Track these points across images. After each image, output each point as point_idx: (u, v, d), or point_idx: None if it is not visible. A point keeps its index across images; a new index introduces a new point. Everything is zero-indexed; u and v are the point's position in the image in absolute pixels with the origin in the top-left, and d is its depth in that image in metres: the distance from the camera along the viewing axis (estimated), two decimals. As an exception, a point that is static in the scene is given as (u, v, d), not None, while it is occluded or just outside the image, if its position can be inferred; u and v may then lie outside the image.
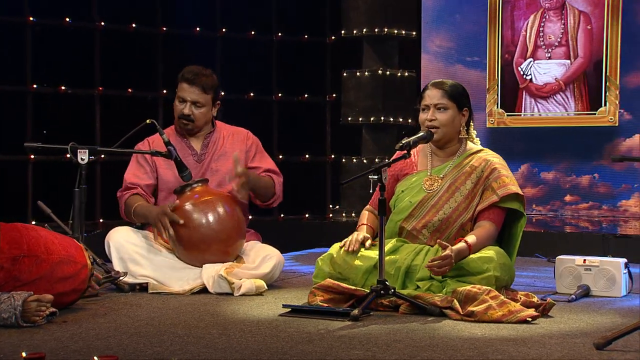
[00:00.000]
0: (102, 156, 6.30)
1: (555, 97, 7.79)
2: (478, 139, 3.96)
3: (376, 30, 7.07)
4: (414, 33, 7.31)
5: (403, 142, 3.68)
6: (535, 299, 3.57)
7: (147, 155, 4.38)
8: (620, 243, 5.70)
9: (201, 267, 4.13)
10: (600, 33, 7.56)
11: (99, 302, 3.81)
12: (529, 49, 7.91)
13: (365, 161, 7.00)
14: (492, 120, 8.11)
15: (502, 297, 3.45)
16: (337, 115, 7.21)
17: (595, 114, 7.61)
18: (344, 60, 7.29)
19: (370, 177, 3.56)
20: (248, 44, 7.16)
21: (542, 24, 7.84)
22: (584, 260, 4.02)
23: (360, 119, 7.04)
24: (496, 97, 8.06)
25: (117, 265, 4.10)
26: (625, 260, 3.99)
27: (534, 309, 3.45)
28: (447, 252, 3.51)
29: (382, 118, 6.99)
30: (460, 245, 3.60)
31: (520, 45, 7.93)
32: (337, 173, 7.19)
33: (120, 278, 4.03)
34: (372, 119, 7.00)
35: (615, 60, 7.53)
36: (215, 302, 3.85)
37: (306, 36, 7.32)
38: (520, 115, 8.05)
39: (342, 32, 7.17)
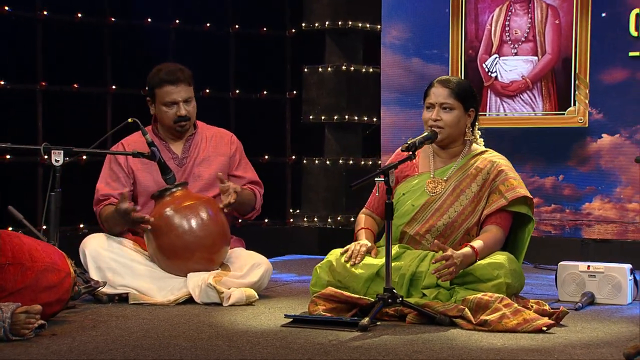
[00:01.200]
0: (84, 157, 6.21)
1: (522, 96, 7.99)
2: (482, 139, 4.07)
3: (339, 23, 7.15)
4: (379, 26, 7.41)
5: (409, 142, 3.76)
6: (547, 307, 3.69)
7: (122, 159, 4.37)
8: (600, 248, 5.89)
9: (184, 276, 4.13)
10: (569, 28, 7.78)
11: (80, 314, 3.79)
12: (494, 45, 8.10)
13: (328, 162, 7.07)
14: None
15: (516, 305, 3.55)
16: (297, 113, 7.26)
17: (564, 114, 7.83)
18: (305, 55, 7.34)
19: (376, 179, 3.63)
20: (203, 37, 7.15)
21: (508, 18, 8.04)
22: (588, 266, 4.16)
23: (322, 117, 7.11)
24: (459, 95, 8.25)
25: (94, 275, 4.08)
26: (630, 266, 4.15)
27: (547, 318, 3.56)
28: (448, 252, 3.59)
29: (346, 117, 7.07)
30: (466, 250, 3.70)
31: (484, 40, 8.11)
32: (297, 175, 7.24)
33: (99, 288, 4.01)
34: (335, 117, 7.07)
35: (584, 57, 7.76)
36: (206, 312, 3.86)
37: (265, 29, 7.35)
38: (485, 115, 8.24)
39: (303, 24, 7.23)
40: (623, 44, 7.53)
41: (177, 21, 7.04)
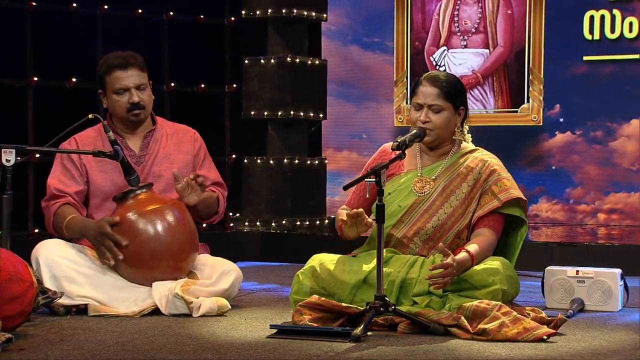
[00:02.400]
0: (37, 155, 6.08)
1: (472, 92, 8.17)
2: (469, 135, 4.17)
3: (283, 11, 7.20)
4: (325, 15, 7.48)
5: (398, 140, 3.83)
6: (543, 314, 3.81)
7: (75, 156, 4.34)
8: (566, 252, 6.08)
9: (150, 285, 4.12)
10: (522, 19, 8.00)
11: (40, 327, 3.76)
12: (442, 36, 8.26)
13: (271, 162, 7.11)
14: (400, 118, 8.43)
15: (515, 313, 3.66)
16: (238, 108, 7.29)
17: (517, 111, 8.05)
18: (245, 46, 7.37)
19: (367, 180, 3.69)
20: (134, 24, 7.11)
21: (457, 8, 8.21)
22: (577, 271, 4.31)
23: (265, 113, 7.15)
24: (405, 91, 8.38)
25: (48, 285, 4.03)
26: (620, 270, 4.31)
27: (546, 326, 3.68)
28: (449, 260, 3.68)
29: (291, 112, 7.13)
30: (463, 255, 3.79)
31: (432, 31, 8.28)
32: (238, 175, 7.26)
33: (57, 299, 3.97)
34: (279, 113, 7.12)
35: (539, 49, 7.99)
36: (178, 324, 3.86)
37: (202, 16, 7.34)
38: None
39: (244, 12, 7.26)
40: (579, 35, 7.80)
41: (106, 6, 6.97)
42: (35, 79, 6.66)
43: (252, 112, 7.17)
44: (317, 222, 7.16)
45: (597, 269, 4.33)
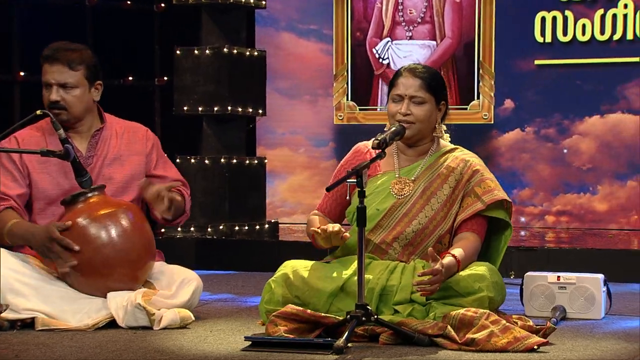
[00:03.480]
0: None
1: (418, 87, 8.31)
2: (447, 134, 4.26)
3: (219, -3, 7.24)
4: (264, 2, 7.52)
5: (379, 138, 3.90)
6: (531, 323, 3.92)
7: (16, 157, 4.30)
8: (526, 256, 6.23)
9: (102, 296, 4.12)
10: (471, 8, 8.16)
11: (-13, 343, 3.73)
12: (385, 26, 8.38)
13: (207, 162, 7.12)
14: (340, 116, 8.53)
15: (504, 321, 3.75)
16: (169, 103, 7.28)
17: (466, 108, 8.21)
18: (177, 35, 7.37)
19: (348, 181, 3.75)
20: (53, 10, 7.04)
21: (402, -5, 8.33)
22: (558, 277, 4.44)
23: (199, 108, 7.16)
24: (346, 86, 8.48)
25: (-9, 297, 4.00)
26: (603, 276, 4.45)
27: (535, 335, 3.78)
28: (437, 266, 3.77)
29: (229, 108, 7.15)
30: (449, 259, 3.88)
31: (374, 21, 8.39)
32: (169, 176, 7.24)
33: (1, 313, 3.94)
34: (215, 108, 7.15)
35: (489, 41, 8.16)
36: (141, 337, 3.88)
37: (129, 2, 7.32)
38: (376, 109, 8.51)
39: (175, -2, 7.27)
40: (531, 28, 7.99)
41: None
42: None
43: (185, 108, 7.17)
44: (257, 227, 7.20)
45: (579, 274, 4.46)
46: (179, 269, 4.36)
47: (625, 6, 7.76)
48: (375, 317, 3.71)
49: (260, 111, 7.37)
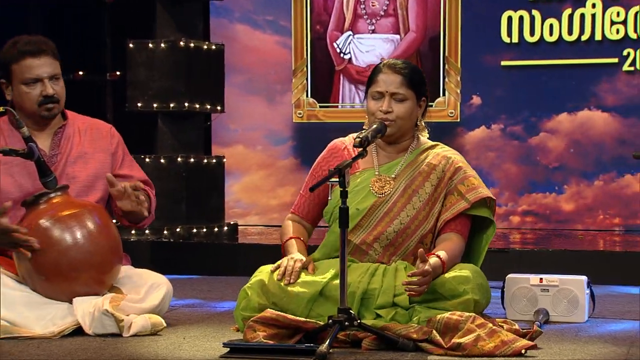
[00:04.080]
0: None
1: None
2: (427, 131, 4.31)
3: (174, -13, 7.24)
4: (223, -7, 7.54)
5: (360, 136, 3.93)
6: (516, 326, 3.99)
7: (-25, 157, 4.28)
8: (497, 258, 6.31)
9: (68, 301, 4.11)
10: (436, 1, 8.23)
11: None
12: (346, 19, 8.42)
13: (162, 161, 7.11)
14: (300, 113, 8.56)
15: (490, 324, 3.81)
16: (121, 99, 7.25)
17: (432, 106, 8.26)
18: (130, 27, 7.34)
19: (330, 181, 3.77)
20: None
21: (364, -13, 8.37)
22: (540, 279, 4.50)
23: (154, 105, 7.15)
24: (305, 82, 8.51)
25: (-52, 304, 3.97)
26: (586, 278, 4.53)
27: (522, 339, 3.84)
28: (427, 267, 3.81)
29: (186, 104, 7.15)
30: (435, 260, 3.92)
31: (335, 13, 8.43)
32: (122, 176, 7.22)
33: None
34: (171, 105, 7.14)
35: (455, 36, 8.24)
36: (109, 345, 3.88)
37: (79, -8, 7.29)
38: (337, 107, 8.55)
39: (127, -13, 7.26)
40: (497, 25, 8.09)
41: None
42: None
43: (139, 104, 7.15)
44: (216, 229, 7.21)
45: (562, 276, 4.54)
46: (147, 273, 4.36)
47: (594, 5, 7.89)
48: (359, 321, 3.74)
49: (219, 108, 7.37)
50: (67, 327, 4.06)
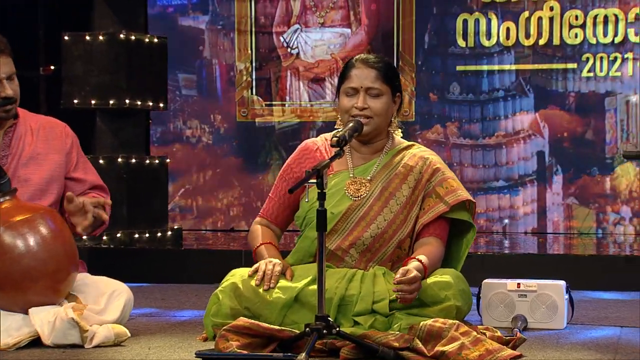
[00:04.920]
0: None
1: (331, 80, 8.43)
2: (400, 130, 4.38)
3: (113, -24, 7.23)
4: (165, -17, 7.54)
5: (338, 135, 3.98)
6: (499, 333, 4.06)
7: None
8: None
9: (21, 311, 4.10)
10: (390, -7, 8.33)
11: None
12: (294, 12, 8.47)
13: (101, 161, 7.09)
14: (244, 112, 8.60)
15: (475, 332, 3.88)
16: (56, 95, 7.22)
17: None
18: (65, 19, 7.31)
19: (308, 183, 3.82)
20: None
21: (312, -24, 8.42)
22: (518, 284, 4.59)
23: (92, 101, 7.13)
24: (249, 79, 8.54)
25: None
26: (564, 283, 4.63)
27: (506, 347, 3.92)
28: (414, 272, 3.88)
29: (127, 101, 7.14)
30: (417, 264, 3.99)
31: (281, 5, 8.47)
32: (58, 178, 7.19)
33: None
34: (111, 101, 7.13)
35: (409, 29, 8.32)
36: (71, 357, 3.89)
37: (10, -19, 7.24)
38: (284, 105, 8.59)
39: (61, -24, 7.23)
40: (453, 24, 8.20)
41: None
42: None
43: (76, 101, 7.13)
44: (159, 234, 7.21)
45: (540, 281, 4.63)
46: (105, 280, 4.37)
47: (552, 9, 8.05)
48: (337, 329, 3.79)
49: (162, 104, 7.37)
50: (23, 338, 4.05)
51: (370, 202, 4.21)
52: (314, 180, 3.81)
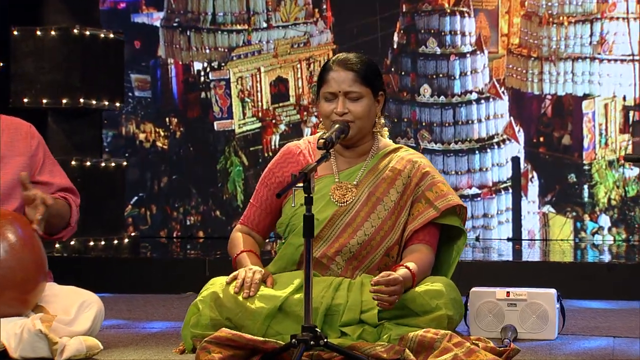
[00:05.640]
0: None
1: (295, 82, 8.46)
2: (387, 129, 4.42)
3: (66, -34, 7.21)
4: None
5: (324, 137, 4.01)
6: (491, 344, 4.10)
7: None
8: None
9: (-10, 322, 4.09)
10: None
11: None
12: (255, 8, 8.50)
13: (53, 164, 7.05)
14: (201, 115, 8.60)
15: (468, 343, 3.92)
16: (4, 94, 7.17)
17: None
18: (14, 12, 7.27)
19: (295, 187, 3.83)
20: None
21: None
22: (507, 292, 4.64)
23: (44, 100, 7.11)
24: (207, 79, 8.55)
25: None
26: (556, 291, 4.68)
27: (500, 358, 3.97)
28: (396, 275, 3.91)
29: (81, 100, 7.12)
30: (404, 272, 4.02)
31: (242, 2, 8.50)
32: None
33: None
34: (64, 101, 7.11)
35: (377, 28, 8.40)
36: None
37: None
38: (245, 108, 8.62)
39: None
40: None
41: None
42: None
43: (26, 100, 7.10)
44: (116, 242, 7.19)
45: (530, 289, 4.68)
46: (74, 290, 4.36)
47: (528, 7, 8.17)
48: (325, 340, 3.81)
49: (118, 104, 7.36)
50: (-10, 350, 4.05)
51: (357, 208, 4.24)
52: (301, 185, 3.83)
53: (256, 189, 4.40)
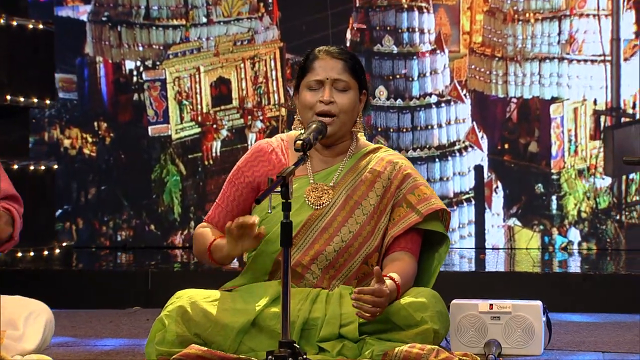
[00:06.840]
0: None
1: (237, 82, 8.48)
2: (364, 130, 4.46)
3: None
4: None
5: (302, 138, 4.03)
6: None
7: None
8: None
9: None
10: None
11: None
12: (193, 2, 8.52)
13: (-22, 167, 7.01)
14: (134, 119, 8.57)
15: (456, 359, 3.98)
16: None
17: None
18: None
19: (274, 192, 3.84)
20: None
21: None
22: (491, 305, 4.68)
23: (-34, 98, 7.08)
24: (140, 80, 8.54)
25: None
26: (541, 303, 4.74)
27: (488, 375, 4.04)
28: (383, 287, 3.93)
29: (7, 97, 7.08)
30: (390, 283, 4.05)
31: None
32: None
33: None
34: (-10, 98, 7.08)
35: (328, 24, 8.44)
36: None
37: None
38: (183, 111, 8.59)
39: None
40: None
41: None
42: None
43: (-52, 97, 7.07)
44: (46, 253, 7.15)
45: (514, 301, 4.73)
46: (19, 300, 4.37)
47: (491, 3, 8.27)
48: (304, 357, 3.83)
49: (48, 102, 7.33)
50: None
51: (334, 212, 4.27)
52: (278, 190, 3.84)
53: (223, 187, 4.41)
